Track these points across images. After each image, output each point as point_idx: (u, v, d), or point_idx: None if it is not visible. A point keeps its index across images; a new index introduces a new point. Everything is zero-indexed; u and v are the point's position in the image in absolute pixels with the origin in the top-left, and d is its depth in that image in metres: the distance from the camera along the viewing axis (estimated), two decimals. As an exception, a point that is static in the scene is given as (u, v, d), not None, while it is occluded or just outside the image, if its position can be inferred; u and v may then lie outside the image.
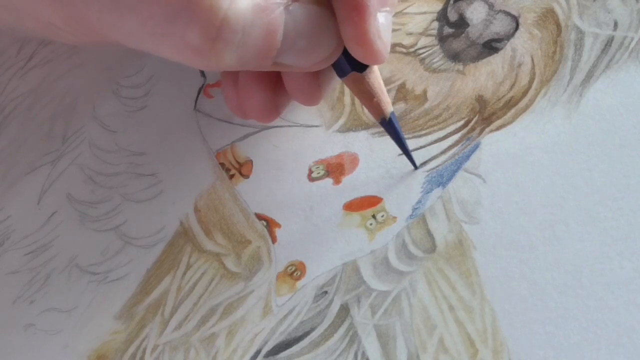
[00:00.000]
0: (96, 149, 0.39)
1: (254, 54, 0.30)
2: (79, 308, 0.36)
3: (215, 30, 0.28)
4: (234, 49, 0.29)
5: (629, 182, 0.33)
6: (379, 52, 0.31)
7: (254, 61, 0.30)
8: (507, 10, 0.37)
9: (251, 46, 0.29)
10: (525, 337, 0.31)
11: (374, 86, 0.33)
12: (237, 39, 0.29)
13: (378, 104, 0.34)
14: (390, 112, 0.34)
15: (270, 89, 0.34)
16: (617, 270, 0.31)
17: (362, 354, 0.32)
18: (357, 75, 0.33)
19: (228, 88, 0.35)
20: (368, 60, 0.32)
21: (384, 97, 0.34)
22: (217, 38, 0.29)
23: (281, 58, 0.31)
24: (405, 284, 0.33)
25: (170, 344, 0.34)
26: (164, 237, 0.37)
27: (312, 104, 0.35)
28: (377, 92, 0.33)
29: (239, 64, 0.30)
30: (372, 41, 0.31)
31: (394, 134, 0.34)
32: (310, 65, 0.32)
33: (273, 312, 0.34)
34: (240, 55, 0.29)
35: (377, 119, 0.34)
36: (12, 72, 0.42)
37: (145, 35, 0.29)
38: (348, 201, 0.35)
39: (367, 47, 0.31)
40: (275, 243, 0.35)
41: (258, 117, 0.35)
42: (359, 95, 0.34)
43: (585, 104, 0.35)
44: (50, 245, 0.38)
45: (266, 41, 0.30)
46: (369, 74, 0.33)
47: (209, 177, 0.37)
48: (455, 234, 0.34)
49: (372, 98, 0.34)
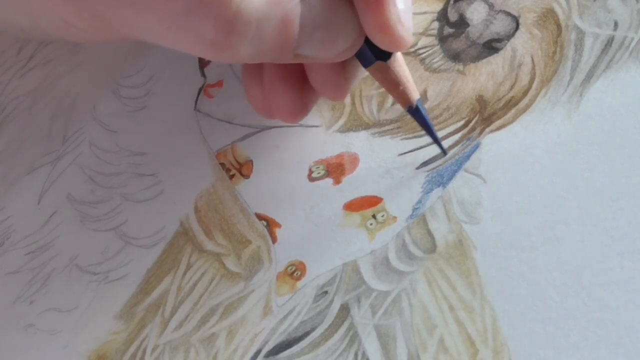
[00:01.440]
0: (96, 149, 0.39)
1: (270, 46, 0.30)
2: (79, 308, 0.36)
3: (228, 23, 0.29)
4: (250, 42, 0.29)
5: (629, 182, 0.33)
6: (402, 38, 0.31)
7: (272, 53, 0.30)
8: (507, 10, 0.37)
9: (267, 38, 0.29)
10: (525, 337, 0.31)
11: (400, 74, 0.33)
12: (251, 31, 0.29)
13: (404, 92, 0.33)
14: (417, 99, 0.34)
15: (297, 87, 0.34)
16: (617, 270, 0.31)
17: (362, 354, 0.32)
18: (382, 64, 0.33)
19: (252, 88, 0.35)
20: (392, 47, 0.32)
21: (409, 85, 0.33)
22: (231, 31, 0.29)
23: (301, 50, 0.30)
24: (406, 284, 0.33)
25: (171, 344, 0.34)
26: (164, 237, 0.37)
27: (340, 98, 0.34)
28: (403, 80, 0.33)
29: (256, 56, 0.30)
30: (394, 28, 0.31)
31: (422, 121, 0.34)
32: (332, 56, 0.31)
33: (273, 312, 0.34)
34: (256, 48, 0.29)
35: (404, 107, 0.34)
36: (12, 72, 0.42)
37: (162, 30, 0.30)
38: (348, 201, 0.35)
39: (390, 34, 0.31)
40: (276, 243, 0.35)
41: (286, 117, 0.35)
42: (384, 84, 0.34)
43: (585, 104, 0.35)
44: (51, 245, 0.38)
45: (282, 33, 0.29)
46: (394, 62, 0.33)
47: (209, 177, 0.37)
48: (455, 234, 0.34)
49: (398, 86, 0.33)
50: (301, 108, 0.35)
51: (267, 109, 0.35)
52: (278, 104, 0.34)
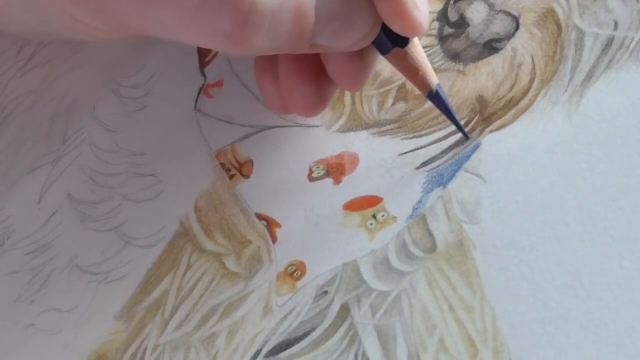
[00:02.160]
0: (96, 149, 0.39)
1: (286, 37, 0.30)
2: (79, 308, 0.36)
3: (243, 15, 0.28)
4: (265, 33, 0.29)
5: (629, 182, 0.33)
6: (418, 22, 0.31)
7: (288, 44, 0.30)
8: (507, 10, 0.37)
9: (282, 30, 0.29)
10: (525, 337, 0.31)
11: (418, 60, 0.33)
12: (266, 23, 0.29)
13: (424, 78, 0.33)
14: (436, 84, 0.34)
15: (313, 80, 0.34)
16: (617, 270, 0.31)
17: (362, 354, 0.32)
18: (400, 51, 0.33)
19: (267, 83, 0.35)
20: (409, 32, 0.32)
21: (428, 70, 0.33)
22: (246, 23, 0.29)
23: (317, 40, 0.30)
24: (406, 284, 0.33)
25: (171, 344, 0.34)
26: (164, 237, 0.37)
27: (358, 87, 0.34)
28: (422, 66, 0.33)
29: (272, 48, 0.30)
30: (410, 12, 0.31)
31: (442, 106, 0.34)
32: (349, 44, 0.31)
33: (273, 312, 0.34)
34: (272, 39, 0.29)
35: (424, 92, 0.34)
36: (12, 72, 0.42)
37: (176, 25, 0.30)
38: (348, 201, 0.35)
39: (406, 20, 0.31)
40: (276, 243, 0.35)
41: (303, 111, 0.35)
42: (403, 70, 0.33)
43: (585, 104, 0.35)
44: (51, 245, 0.38)
45: (297, 24, 0.29)
46: (412, 48, 0.33)
47: (209, 177, 0.37)
48: (455, 234, 0.34)
49: (417, 72, 0.33)
50: (319, 101, 0.34)
51: (283, 104, 0.35)
52: (295, 97, 0.34)
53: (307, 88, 0.34)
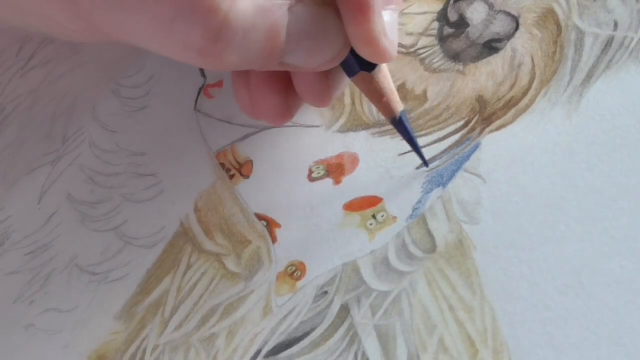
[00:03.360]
0: (96, 149, 0.39)
1: (257, 54, 0.30)
2: (79, 308, 0.36)
3: (215, 31, 0.29)
4: (235, 50, 0.29)
5: (629, 182, 0.33)
6: (385, 50, 0.31)
7: (258, 61, 0.30)
8: (507, 10, 0.37)
9: (253, 47, 0.29)
10: (525, 337, 0.31)
11: (384, 85, 0.33)
12: (237, 39, 0.29)
13: (388, 103, 0.33)
14: (400, 110, 0.34)
15: (282, 91, 0.34)
16: (617, 270, 0.31)
17: (362, 354, 0.32)
18: (366, 75, 0.33)
19: (240, 89, 0.35)
20: (375, 59, 0.32)
21: (393, 96, 0.33)
22: (217, 39, 0.29)
23: (287, 58, 0.31)
24: (405, 284, 0.33)
25: (171, 344, 0.34)
26: (164, 237, 0.37)
27: (323, 105, 0.35)
28: (387, 91, 0.33)
29: (242, 64, 0.30)
30: (378, 40, 0.31)
31: (405, 133, 0.34)
32: (317, 65, 0.32)
33: (273, 312, 0.34)
34: (242, 56, 0.30)
35: (388, 118, 0.34)
36: (12, 72, 0.42)
37: (149, 35, 0.30)
38: (348, 201, 0.35)
39: (374, 46, 0.31)
40: (275, 243, 0.35)
41: (270, 119, 0.35)
42: (368, 94, 0.34)
43: (585, 104, 0.35)
44: (50, 245, 0.38)
45: (268, 42, 0.30)
46: (378, 73, 0.33)
47: (209, 177, 0.37)
48: (455, 234, 0.34)
49: (381, 97, 0.33)
50: (285, 111, 0.35)
51: (253, 110, 0.35)
52: (263, 106, 0.35)
53: (275, 98, 0.34)
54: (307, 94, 0.34)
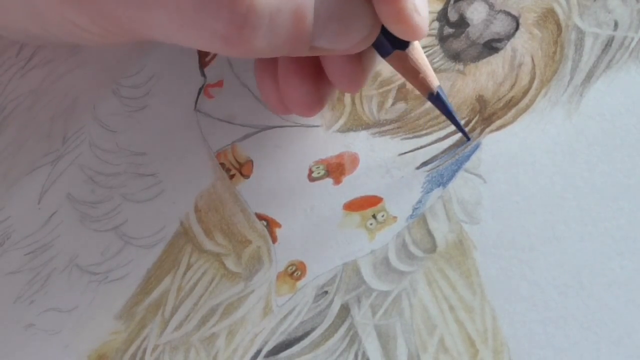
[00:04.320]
0: (96, 149, 0.39)
1: (285, 39, 0.29)
2: (79, 308, 0.36)
3: (241, 17, 0.28)
4: (263, 35, 0.29)
5: (629, 182, 0.33)
6: (418, 27, 0.31)
7: (287, 46, 0.30)
8: (507, 10, 0.37)
9: (281, 32, 0.29)
10: (525, 337, 0.31)
11: (419, 62, 0.33)
12: (264, 25, 0.29)
13: (424, 80, 0.33)
14: (437, 86, 0.33)
15: (312, 79, 0.34)
16: (617, 270, 0.31)
17: (362, 354, 0.32)
18: (401, 53, 0.33)
19: (266, 83, 0.35)
20: (409, 36, 0.31)
21: (429, 72, 0.33)
22: (244, 25, 0.28)
23: (317, 42, 0.30)
24: (406, 284, 0.33)
25: (171, 344, 0.34)
26: (164, 237, 0.37)
27: (356, 89, 0.34)
28: (423, 68, 0.33)
29: (271, 50, 0.30)
30: (411, 16, 0.30)
31: (443, 108, 0.34)
32: (349, 47, 0.31)
33: (273, 312, 0.34)
34: (270, 41, 0.29)
35: (425, 94, 0.34)
36: (12, 72, 0.42)
37: (174, 28, 0.29)
38: (348, 201, 0.35)
39: (406, 23, 0.31)
40: (276, 243, 0.35)
41: (302, 111, 0.35)
42: (404, 73, 0.33)
43: (585, 104, 0.35)
44: (51, 245, 0.38)
45: (296, 26, 0.29)
46: (412, 51, 0.33)
47: (209, 177, 0.37)
48: (455, 234, 0.34)
49: (417, 74, 0.33)
50: (317, 101, 0.34)
51: (282, 103, 0.35)
52: (293, 97, 0.34)
53: (306, 88, 0.34)
54: (340, 78, 0.33)
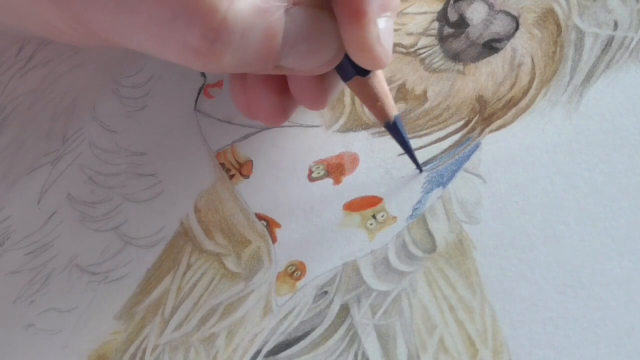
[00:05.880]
0: (96, 149, 0.39)
1: (254, 56, 0.30)
2: (79, 308, 0.36)
3: (213, 31, 0.28)
4: (233, 51, 0.29)
5: (629, 182, 0.33)
6: (379, 57, 0.31)
7: (255, 64, 0.30)
8: (507, 10, 0.37)
9: (251, 48, 0.29)
10: (525, 337, 0.31)
11: (378, 90, 0.33)
12: (236, 40, 0.29)
13: (382, 108, 0.34)
14: (395, 115, 0.34)
15: (278, 92, 0.34)
16: (617, 270, 0.31)
17: (362, 354, 0.32)
18: (361, 79, 0.33)
19: (236, 89, 0.35)
20: (368, 65, 0.32)
21: (388, 101, 0.34)
22: (215, 40, 0.29)
23: (283, 61, 0.30)
24: (406, 284, 0.33)
25: (171, 344, 0.34)
26: (164, 237, 0.37)
27: (318, 108, 0.35)
28: (381, 96, 0.33)
29: (239, 66, 0.30)
30: (372, 47, 0.31)
31: (399, 138, 0.34)
32: (312, 68, 0.32)
33: (273, 312, 0.34)
34: (240, 57, 0.29)
35: (382, 122, 0.34)
36: (12, 72, 0.42)
37: (146, 37, 0.29)
38: (348, 201, 0.35)
39: (367, 53, 0.31)
40: (276, 243, 0.35)
41: (266, 120, 0.35)
42: (362, 99, 0.34)
43: (585, 104, 0.35)
44: (51, 245, 0.38)
45: (266, 43, 0.30)
46: (373, 78, 0.33)
47: (209, 177, 0.37)
48: (455, 234, 0.34)
49: (376, 102, 0.34)
50: (281, 112, 0.35)
51: (249, 110, 0.35)
52: (259, 106, 0.35)
53: (271, 99, 0.34)
54: (303, 97, 0.34)
